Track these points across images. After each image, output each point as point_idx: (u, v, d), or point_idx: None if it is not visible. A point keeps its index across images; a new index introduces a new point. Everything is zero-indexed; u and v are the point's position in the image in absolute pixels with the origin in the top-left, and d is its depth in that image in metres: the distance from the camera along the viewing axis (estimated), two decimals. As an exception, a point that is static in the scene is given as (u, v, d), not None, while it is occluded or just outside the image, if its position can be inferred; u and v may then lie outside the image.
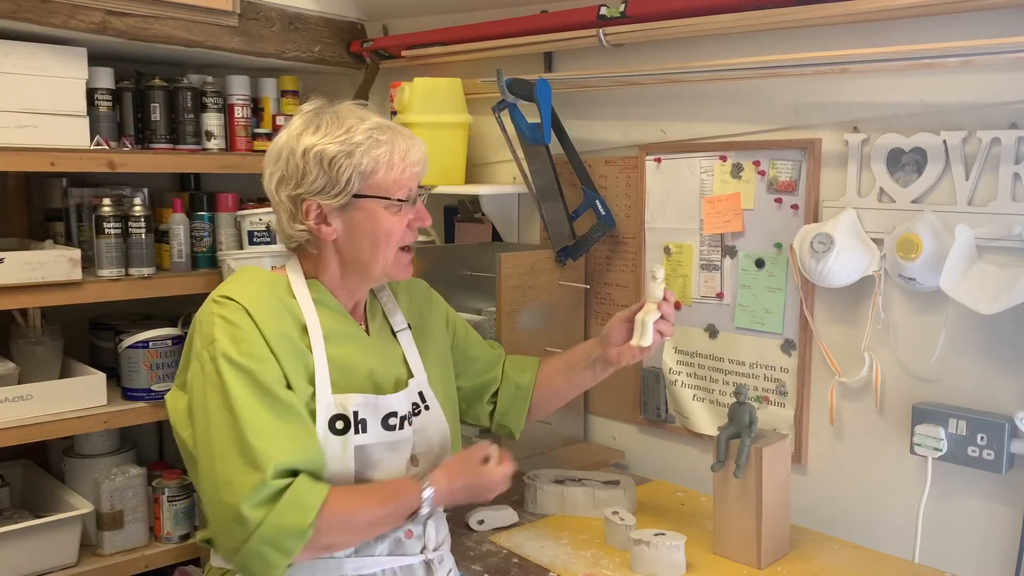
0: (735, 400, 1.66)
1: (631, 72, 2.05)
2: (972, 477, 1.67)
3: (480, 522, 1.83)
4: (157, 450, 2.56)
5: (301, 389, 1.39)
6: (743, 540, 1.65)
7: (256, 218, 2.29)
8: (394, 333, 1.59)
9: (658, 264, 1.67)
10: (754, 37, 1.88)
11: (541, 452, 2.22)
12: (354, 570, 1.42)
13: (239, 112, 2.43)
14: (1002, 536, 1.65)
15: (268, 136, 2.40)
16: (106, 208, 2.15)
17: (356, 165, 1.41)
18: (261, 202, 2.34)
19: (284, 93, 2.55)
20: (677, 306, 2.07)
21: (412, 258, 1.53)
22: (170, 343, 2.25)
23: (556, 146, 2.15)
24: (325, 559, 1.41)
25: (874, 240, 1.74)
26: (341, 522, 1.35)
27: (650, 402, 2.18)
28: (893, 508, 1.78)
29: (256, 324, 1.38)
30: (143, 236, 2.17)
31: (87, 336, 2.47)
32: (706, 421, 2.07)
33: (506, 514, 1.86)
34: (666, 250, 2.11)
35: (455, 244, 2.62)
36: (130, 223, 2.16)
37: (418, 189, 1.50)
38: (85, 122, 2.11)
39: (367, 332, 1.55)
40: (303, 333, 1.43)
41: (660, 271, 1.63)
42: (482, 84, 2.29)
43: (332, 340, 1.45)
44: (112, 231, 2.14)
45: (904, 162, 1.71)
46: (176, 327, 2.30)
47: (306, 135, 1.43)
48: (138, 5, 2.15)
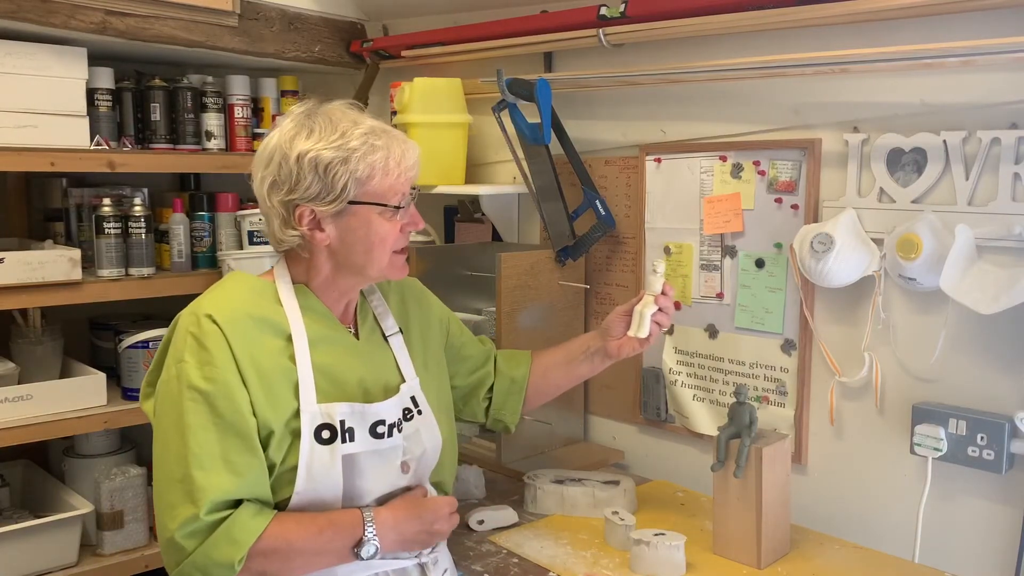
0: (735, 400, 1.66)
1: (631, 72, 2.05)
2: (972, 477, 1.66)
3: (480, 522, 1.83)
4: (157, 450, 2.56)
5: (284, 406, 1.38)
6: (743, 540, 1.65)
7: (256, 218, 2.29)
8: (385, 337, 1.56)
9: (659, 258, 1.67)
10: (754, 37, 1.88)
11: (541, 452, 2.22)
12: (346, 574, 1.41)
13: (239, 112, 2.43)
14: (1002, 536, 1.65)
15: (268, 136, 2.40)
16: (106, 208, 2.15)
17: (352, 171, 1.38)
18: (261, 202, 2.34)
19: (284, 93, 2.55)
20: (677, 305, 2.07)
21: (407, 257, 1.52)
22: (170, 343, 2.25)
23: (556, 146, 2.15)
24: None
25: (874, 240, 1.74)
26: (276, 553, 1.33)
27: (650, 402, 2.18)
28: (893, 508, 1.78)
29: (231, 348, 1.35)
30: (143, 236, 2.18)
31: (87, 336, 2.48)
32: (706, 421, 2.07)
33: (506, 514, 1.86)
34: (666, 250, 2.11)
35: (455, 244, 2.62)
36: (130, 223, 2.17)
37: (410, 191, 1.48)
38: (85, 122, 2.11)
39: (356, 336, 1.53)
40: (287, 343, 1.41)
41: (661, 265, 1.65)
42: (482, 84, 2.29)
43: (319, 347, 1.43)
44: (112, 231, 2.14)
45: (904, 162, 1.71)
46: (176, 327, 2.30)
47: (299, 139, 1.39)
48: (138, 5, 2.15)
